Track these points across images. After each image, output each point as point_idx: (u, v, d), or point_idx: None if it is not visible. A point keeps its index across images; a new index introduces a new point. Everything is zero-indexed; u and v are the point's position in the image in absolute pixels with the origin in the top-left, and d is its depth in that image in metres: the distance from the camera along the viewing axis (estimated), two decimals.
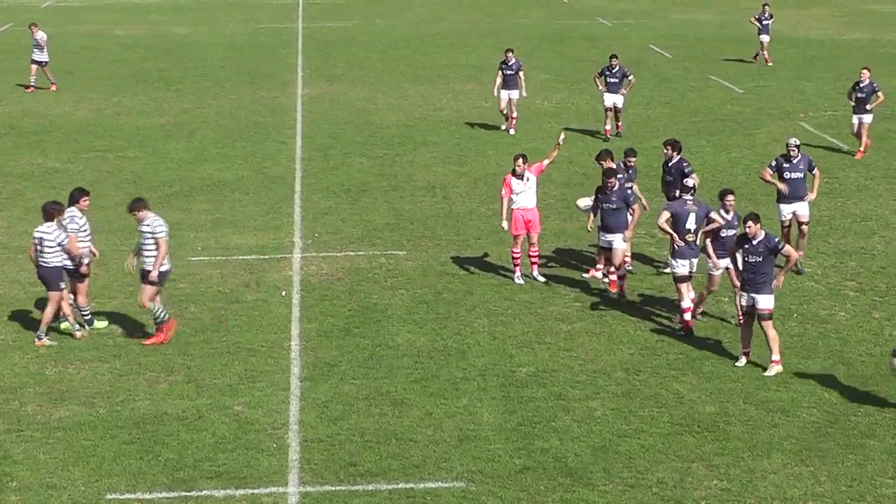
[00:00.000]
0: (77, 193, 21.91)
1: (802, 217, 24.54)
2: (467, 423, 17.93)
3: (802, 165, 24.56)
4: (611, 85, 36.05)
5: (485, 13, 66.70)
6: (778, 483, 16.21)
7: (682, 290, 21.21)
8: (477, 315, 22.26)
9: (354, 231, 27.33)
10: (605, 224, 23.03)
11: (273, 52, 53.41)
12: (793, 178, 24.48)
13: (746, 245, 19.60)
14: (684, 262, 21.19)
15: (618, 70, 35.98)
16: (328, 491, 16.10)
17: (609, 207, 22.93)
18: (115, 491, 16.14)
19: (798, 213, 24.53)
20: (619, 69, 36.01)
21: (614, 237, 22.97)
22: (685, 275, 21.20)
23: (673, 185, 23.64)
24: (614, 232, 22.96)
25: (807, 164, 24.64)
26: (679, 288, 21.28)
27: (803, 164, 24.57)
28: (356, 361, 20.21)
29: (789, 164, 24.51)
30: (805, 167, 24.61)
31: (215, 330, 21.62)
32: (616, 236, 22.94)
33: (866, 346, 20.70)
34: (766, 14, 49.39)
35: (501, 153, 34.14)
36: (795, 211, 24.53)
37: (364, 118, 39.40)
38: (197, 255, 25.69)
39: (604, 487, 16.11)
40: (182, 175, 32.42)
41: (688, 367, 19.88)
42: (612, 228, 22.98)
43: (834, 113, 39.34)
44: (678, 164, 24.02)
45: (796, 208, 24.54)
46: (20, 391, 19.20)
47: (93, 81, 46.54)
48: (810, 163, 24.77)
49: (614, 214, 22.90)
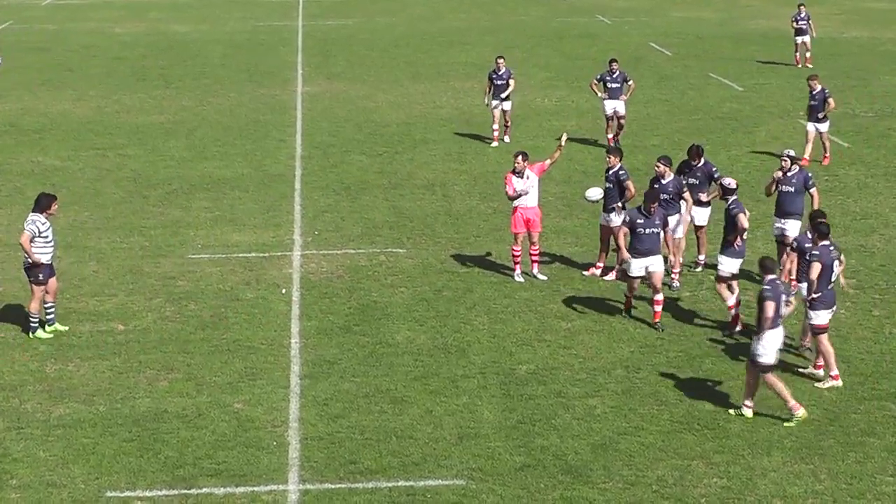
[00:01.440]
0: (45, 199, 21.29)
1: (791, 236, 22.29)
2: (467, 421, 17.94)
3: (796, 180, 22.90)
4: (612, 90, 34.67)
5: (485, 11, 66.68)
6: (778, 481, 16.22)
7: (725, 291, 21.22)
8: (477, 313, 22.26)
9: (354, 229, 27.33)
10: (641, 248, 21.47)
11: (273, 50, 53.40)
12: (783, 192, 22.98)
13: None
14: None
15: (618, 74, 34.75)
16: (328, 489, 16.11)
17: (653, 232, 21.53)
18: (114, 489, 16.14)
19: (787, 232, 22.69)
20: (619, 73, 34.79)
21: (653, 261, 21.56)
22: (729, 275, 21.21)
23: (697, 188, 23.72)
24: (654, 255, 21.56)
25: (802, 180, 22.93)
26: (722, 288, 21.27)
27: (797, 180, 22.90)
28: (356, 359, 20.22)
29: (784, 177, 23.01)
30: (799, 183, 22.91)
31: (215, 327, 21.62)
32: (656, 260, 21.58)
33: (866, 344, 20.71)
34: (801, 14, 47.61)
35: (501, 151, 34.15)
36: (785, 230, 22.85)
37: (364, 116, 39.40)
38: (197, 253, 25.69)
39: (604, 485, 16.11)
40: (182, 173, 32.42)
41: (688, 365, 19.88)
42: (651, 252, 21.53)
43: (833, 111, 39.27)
44: (705, 167, 23.99)
45: (786, 226, 22.85)
46: (20, 389, 19.20)
47: (93, 79, 46.53)
48: (807, 180, 23.00)
49: (655, 238, 21.58)
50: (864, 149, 34.33)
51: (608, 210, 23.77)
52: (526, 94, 42.21)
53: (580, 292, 23.29)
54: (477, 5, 69.22)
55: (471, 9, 67.78)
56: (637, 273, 21.53)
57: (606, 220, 23.84)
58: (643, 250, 21.41)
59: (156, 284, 23.80)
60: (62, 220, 27.94)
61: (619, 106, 34.70)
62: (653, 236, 21.43)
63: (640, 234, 21.36)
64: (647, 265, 21.46)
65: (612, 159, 23.94)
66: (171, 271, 24.53)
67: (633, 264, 21.46)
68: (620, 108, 34.72)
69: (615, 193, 23.67)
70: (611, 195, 23.76)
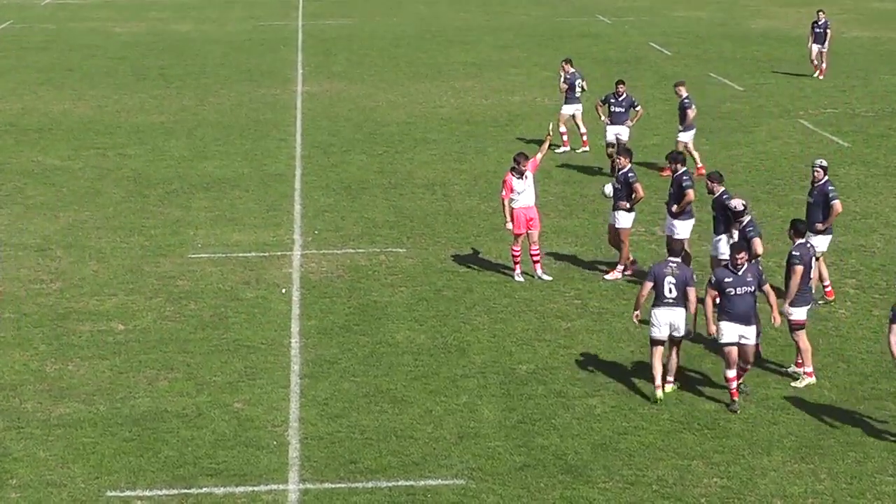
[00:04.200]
0: None
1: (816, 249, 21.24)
2: (467, 421, 17.93)
3: (817, 192, 22.09)
4: (615, 115, 31.33)
5: (485, 10, 66.66)
6: (778, 480, 16.22)
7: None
8: (477, 312, 22.26)
9: (354, 228, 27.32)
10: (734, 311, 18.12)
11: (273, 50, 53.38)
12: (808, 204, 22.28)
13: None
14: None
15: (624, 98, 31.41)
16: (328, 488, 16.10)
17: (746, 292, 18.16)
18: (114, 488, 16.14)
19: (811, 242, 21.01)
20: (626, 97, 31.43)
21: (746, 330, 18.22)
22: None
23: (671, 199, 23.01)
24: (747, 322, 18.21)
25: (822, 191, 21.98)
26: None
27: (818, 191, 22.08)
28: (356, 359, 20.21)
29: (811, 187, 22.27)
30: (820, 195, 22.01)
31: (215, 327, 21.62)
32: (749, 330, 18.24)
33: (866, 344, 20.70)
34: (820, 20, 44.75)
35: (501, 150, 34.13)
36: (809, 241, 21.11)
37: (364, 115, 39.39)
38: (197, 253, 25.69)
39: (604, 485, 16.11)
40: (182, 172, 32.41)
41: (688, 365, 19.85)
42: (742, 317, 18.19)
43: (834, 110, 39.33)
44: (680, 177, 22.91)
45: (811, 239, 21.30)
46: (20, 388, 19.19)
47: (93, 79, 46.52)
48: (827, 194, 21.96)
49: (749, 300, 18.19)
50: (864, 148, 34.31)
51: (615, 209, 23.73)
52: (526, 94, 42.22)
53: (580, 292, 23.28)
54: (477, 5, 69.19)
55: (471, 8, 67.75)
56: (730, 339, 18.10)
57: (614, 219, 23.78)
58: (736, 314, 18.09)
59: (156, 284, 23.79)
60: (62, 220, 27.98)
61: (622, 132, 31.36)
62: (746, 297, 18.10)
63: (730, 294, 18.08)
64: (741, 332, 18.11)
65: (621, 160, 23.81)
66: (171, 271, 24.53)
67: (725, 330, 18.11)
68: (623, 133, 31.36)
69: (623, 195, 23.58)
70: (619, 196, 23.71)
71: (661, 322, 18.45)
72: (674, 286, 18.42)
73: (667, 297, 18.43)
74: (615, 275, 23.85)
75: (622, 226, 23.76)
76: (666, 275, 18.47)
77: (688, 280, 18.58)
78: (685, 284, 18.48)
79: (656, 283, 18.49)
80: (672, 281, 18.43)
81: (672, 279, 18.44)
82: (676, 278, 18.45)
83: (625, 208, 23.55)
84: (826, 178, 22.17)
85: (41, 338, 21.20)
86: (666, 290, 18.42)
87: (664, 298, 18.44)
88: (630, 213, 23.78)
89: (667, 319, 18.43)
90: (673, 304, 18.44)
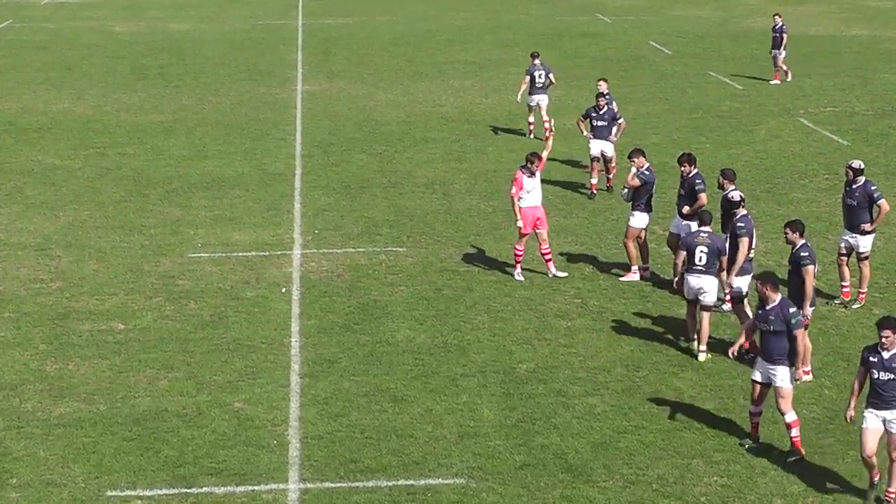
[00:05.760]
0: None
1: (860, 250, 22.29)
2: (467, 420, 17.94)
3: (858, 193, 22.03)
4: (597, 129, 29.63)
5: (484, 10, 66.65)
6: (778, 479, 16.23)
7: None
8: (477, 311, 22.26)
9: (354, 227, 27.33)
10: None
11: (273, 49, 53.37)
12: (848, 205, 22.27)
13: None
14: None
15: (606, 111, 29.67)
16: (328, 488, 16.11)
17: (774, 329, 16.69)
18: (115, 488, 16.15)
19: (852, 243, 22.30)
20: (607, 110, 29.69)
21: (777, 370, 16.66)
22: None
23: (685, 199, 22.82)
24: (776, 362, 16.65)
25: (864, 192, 21.98)
26: None
27: (860, 192, 22.02)
28: (356, 358, 20.22)
29: (848, 188, 22.26)
30: (862, 196, 21.99)
31: (215, 327, 21.62)
32: (781, 370, 16.66)
33: (866, 343, 20.61)
34: (776, 24, 44.68)
35: (501, 150, 34.15)
36: (849, 241, 22.36)
37: (364, 115, 39.39)
38: (196, 252, 25.69)
39: (604, 484, 16.12)
40: (182, 171, 32.41)
41: (688, 364, 19.89)
42: (772, 356, 16.68)
43: (833, 109, 39.34)
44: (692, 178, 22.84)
45: (850, 239, 22.31)
46: (20, 388, 19.20)
47: (92, 78, 46.51)
48: (872, 193, 21.96)
49: (777, 337, 16.70)
50: (863, 147, 34.30)
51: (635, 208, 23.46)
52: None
53: (580, 291, 23.29)
54: (477, 4, 69.17)
55: (471, 7, 67.74)
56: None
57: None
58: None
59: (156, 283, 23.80)
60: (62, 219, 27.98)
61: (607, 147, 29.78)
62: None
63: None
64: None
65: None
66: (171, 270, 24.53)
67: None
68: (608, 149, 29.81)
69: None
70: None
71: (690, 286, 20.14)
72: (705, 255, 20.01)
73: (696, 265, 20.08)
74: (631, 276, 23.73)
75: (633, 225, 23.61)
76: (698, 244, 20.09)
77: (721, 249, 20.06)
78: (719, 253, 20.04)
79: (689, 251, 20.16)
80: (704, 250, 20.03)
81: (704, 248, 20.06)
82: (709, 247, 20.05)
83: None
84: (865, 179, 22.15)
85: (41, 337, 21.21)
86: (697, 259, 20.07)
87: (695, 265, 20.09)
88: (644, 213, 23.54)
89: (695, 284, 20.08)
90: (703, 271, 20.04)
